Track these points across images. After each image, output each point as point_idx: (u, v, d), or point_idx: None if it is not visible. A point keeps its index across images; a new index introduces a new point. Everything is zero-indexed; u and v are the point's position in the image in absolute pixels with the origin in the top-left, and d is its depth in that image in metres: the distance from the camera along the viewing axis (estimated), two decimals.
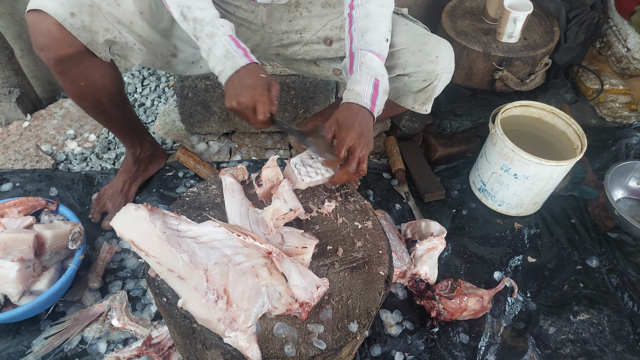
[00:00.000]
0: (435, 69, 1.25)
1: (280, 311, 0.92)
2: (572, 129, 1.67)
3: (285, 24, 1.33)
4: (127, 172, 1.63)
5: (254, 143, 1.96)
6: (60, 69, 1.18)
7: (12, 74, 1.88)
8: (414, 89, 1.31)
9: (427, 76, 1.27)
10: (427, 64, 1.25)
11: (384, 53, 1.17)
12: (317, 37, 1.33)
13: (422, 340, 1.39)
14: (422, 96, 1.33)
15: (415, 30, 1.30)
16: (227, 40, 1.08)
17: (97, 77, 1.25)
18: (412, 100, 1.36)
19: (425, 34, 1.29)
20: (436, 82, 1.29)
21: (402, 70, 1.27)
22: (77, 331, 1.33)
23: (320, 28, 1.32)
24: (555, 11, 1.90)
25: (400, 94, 1.37)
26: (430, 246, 1.47)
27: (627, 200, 1.82)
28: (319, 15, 1.31)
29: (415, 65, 1.25)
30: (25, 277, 1.27)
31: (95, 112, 1.37)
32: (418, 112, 1.38)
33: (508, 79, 1.79)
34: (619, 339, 1.43)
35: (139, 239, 0.92)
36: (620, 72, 2.10)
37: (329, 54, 1.35)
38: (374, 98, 1.12)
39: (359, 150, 1.07)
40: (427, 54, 1.24)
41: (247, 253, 0.94)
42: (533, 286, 1.56)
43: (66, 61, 1.16)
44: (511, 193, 1.66)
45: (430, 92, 1.31)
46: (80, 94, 1.28)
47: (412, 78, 1.28)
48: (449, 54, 1.28)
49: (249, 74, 1.06)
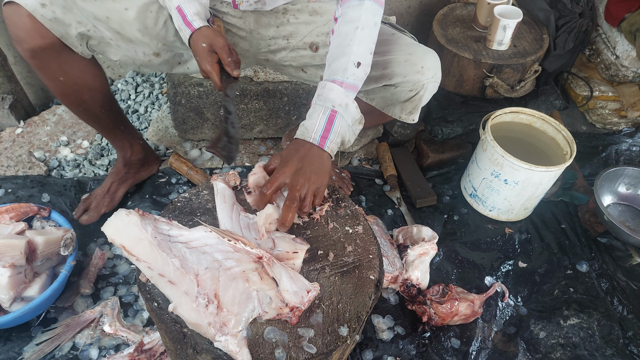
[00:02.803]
0: (421, 79, 1.26)
1: (270, 315, 0.92)
2: (561, 135, 1.68)
3: (273, 30, 1.34)
4: (116, 174, 1.64)
5: (247, 149, 1.96)
6: (37, 62, 1.19)
7: (5, 80, 1.89)
8: (400, 98, 1.32)
9: (413, 86, 1.28)
10: (413, 74, 1.25)
11: (351, 79, 1.10)
12: (304, 43, 1.34)
13: (413, 345, 1.40)
14: (408, 106, 1.34)
15: (402, 40, 1.30)
16: (175, 14, 1.14)
17: (76, 73, 1.25)
18: (399, 110, 1.36)
19: (412, 44, 1.29)
20: (422, 92, 1.29)
21: (388, 81, 1.28)
22: (68, 337, 1.33)
23: (307, 34, 1.33)
24: (545, 19, 1.92)
25: (387, 104, 1.37)
26: (421, 251, 1.48)
27: (617, 206, 1.84)
28: (306, 22, 1.32)
29: (401, 75, 1.26)
30: (17, 283, 1.26)
31: (80, 110, 1.38)
32: (405, 122, 1.39)
33: (498, 85, 1.81)
34: (609, 343, 1.44)
35: (130, 244, 0.92)
36: (609, 79, 2.12)
37: (315, 61, 1.36)
38: (326, 132, 1.07)
39: (297, 187, 1.03)
40: (413, 64, 1.25)
41: (237, 258, 0.94)
42: (524, 291, 1.57)
43: (41, 54, 1.16)
44: (502, 198, 1.68)
45: (416, 101, 1.32)
46: (61, 90, 1.28)
47: (399, 88, 1.29)
48: (435, 64, 1.28)
49: (194, 47, 1.15)
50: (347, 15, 1.13)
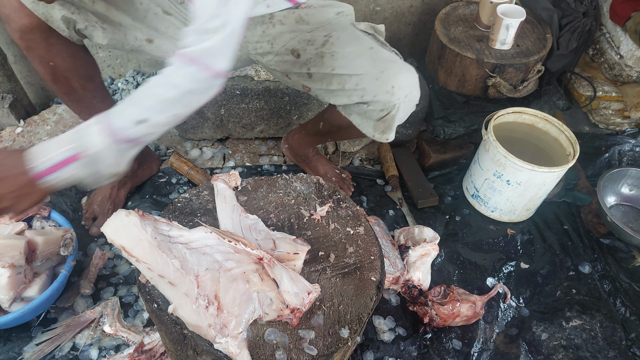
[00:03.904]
0: (392, 100, 1.20)
1: (271, 317, 0.92)
2: (564, 135, 1.67)
3: (259, 34, 1.31)
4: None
5: (248, 149, 1.96)
6: (25, 43, 1.19)
7: (5, 79, 1.88)
8: (373, 117, 1.27)
9: (384, 106, 1.22)
10: (383, 94, 1.19)
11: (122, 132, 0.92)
12: (286, 49, 1.29)
13: (414, 347, 1.39)
14: (381, 125, 1.28)
15: (377, 55, 1.23)
16: None
17: (65, 57, 1.24)
18: (372, 129, 1.30)
19: (386, 61, 1.22)
20: (394, 112, 1.23)
21: (360, 98, 1.23)
22: (68, 338, 1.32)
23: (290, 40, 1.28)
24: (548, 18, 1.91)
25: (362, 120, 1.31)
26: (423, 252, 1.47)
27: (620, 207, 1.83)
28: (292, 29, 1.29)
29: (372, 94, 1.21)
30: (16, 283, 1.26)
31: (71, 99, 1.37)
32: (378, 141, 1.33)
33: (501, 85, 1.80)
34: (611, 345, 1.43)
35: (129, 244, 0.92)
36: (612, 79, 2.11)
37: (296, 68, 1.30)
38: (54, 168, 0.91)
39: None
40: (383, 84, 1.19)
41: (238, 259, 0.94)
42: (526, 292, 1.56)
43: (29, 34, 1.16)
44: (504, 199, 1.67)
45: (389, 121, 1.26)
46: (51, 76, 1.27)
47: (370, 107, 1.23)
48: (409, 84, 1.21)
49: None
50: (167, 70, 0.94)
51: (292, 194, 1.17)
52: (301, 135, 1.72)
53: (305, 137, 1.70)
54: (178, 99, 0.94)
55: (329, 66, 1.24)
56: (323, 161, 1.79)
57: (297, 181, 1.20)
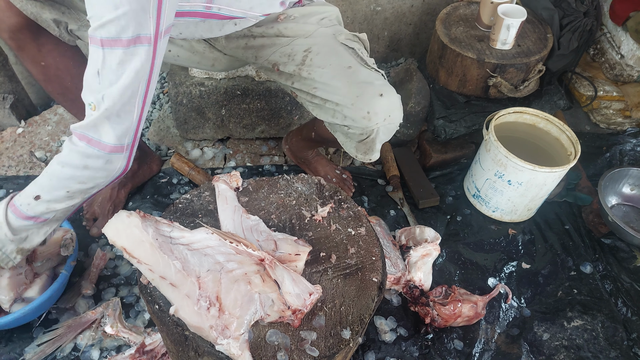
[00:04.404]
0: (369, 125, 1.17)
1: (272, 318, 0.92)
2: (565, 135, 1.67)
3: (242, 47, 1.29)
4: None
5: (249, 149, 1.96)
6: (16, 44, 1.18)
7: (6, 80, 1.88)
8: (355, 139, 1.25)
9: (362, 130, 1.19)
10: (360, 120, 1.17)
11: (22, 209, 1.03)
12: (268, 62, 1.28)
13: (416, 347, 1.39)
14: (362, 147, 1.26)
15: (354, 76, 1.19)
16: None
17: (56, 56, 1.24)
18: (355, 149, 1.28)
19: (362, 84, 1.18)
20: (374, 135, 1.20)
21: (341, 121, 1.21)
22: (70, 338, 1.32)
23: (271, 54, 1.26)
24: (549, 18, 1.91)
25: (345, 139, 1.30)
26: (424, 252, 1.47)
27: (621, 207, 1.83)
28: (272, 42, 1.26)
29: (350, 119, 1.18)
30: (17, 284, 1.26)
31: (65, 99, 1.36)
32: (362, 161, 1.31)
33: (502, 85, 1.79)
34: (613, 345, 1.43)
35: (131, 246, 0.92)
36: (613, 78, 2.11)
37: (281, 80, 1.29)
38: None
39: None
40: (359, 109, 1.16)
41: (239, 260, 0.94)
42: (527, 292, 1.56)
43: (19, 34, 1.16)
44: (505, 199, 1.67)
45: (370, 144, 1.24)
46: (44, 76, 1.27)
47: (351, 130, 1.21)
48: (385, 108, 1.17)
49: None
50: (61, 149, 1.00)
51: (294, 194, 1.17)
52: (298, 139, 1.72)
53: (301, 141, 1.71)
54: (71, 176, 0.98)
55: (310, 86, 1.22)
56: (323, 162, 1.79)
57: (299, 182, 1.20)
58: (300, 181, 1.20)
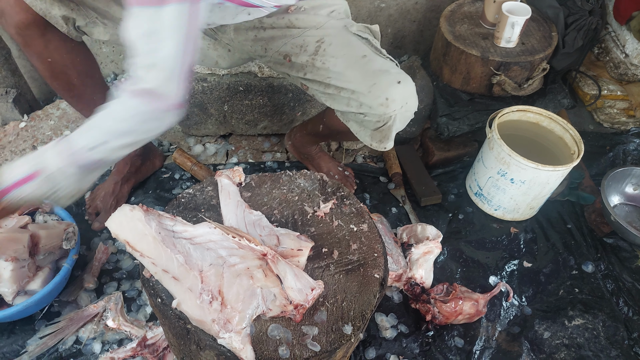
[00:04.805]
0: (387, 112, 1.18)
1: (274, 313, 0.92)
2: (569, 134, 1.67)
3: (251, 40, 1.30)
4: (118, 174, 1.63)
5: (251, 145, 1.96)
6: (23, 40, 1.18)
7: (9, 74, 1.88)
8: (370, 127, 1.25)
9: (379, 118, 1.20)
10: (377, 107, 1.18)
11: (79, 155, 0.99)
12: (279, 53, 1.28)
13: (417, 344, 1.39)
14: (378, 135, 1.26)
15: (370, 65, 1.20)
16: None
17: (62, 53, 1.23)
18: (370, 138, 1.29)
19: (379, 72, 1.19)
20: (390, 123, 1.21)
21: (357, 109, 1.21)
22: (72, 331, 1.33)
23: (282, 45, 1.27)
24: (554, 16, 1.90)
25: (359, 128, 1.30)
26: (426, 250, 1.47)
27: (624, 206, 1.82)
28: (282, 33, 1.27)
29: (367, 106, 1.19)
30: (20, 276, 1.26)
31: (71, 95, 1.36)
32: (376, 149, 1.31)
33: (506, 83, 1.79)
34: (614, 344, 1.43)
35: (134, 239, 0.92)
36: (618, 77, 2.10)
37: (292, 71, 1.29)
38: (16, 185, 0.96)
39: None
40: (376, 97, 1.17)
41: (242, 254, 0.94)
42: (528, 291, 1.56)
43: (26, 30, 1.15)
44: (507, 198, 1.66)
45: (386, 131, 1.24)
46: (50, 72, 1.27)
47: (367, 118, 1.22)
48: (402, 95, 1.18)
49: None
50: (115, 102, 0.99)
51: (296, 190, 1.17)
52: (302, 134, 1.72)
53: (306, 136, 1.70)
54: (130, 130, 1.00)
55: (324, 75, 1.22)
56: (326, 158, 1.79)
57: (301, 178, 1.20)
58: (303, 177, 1.20)
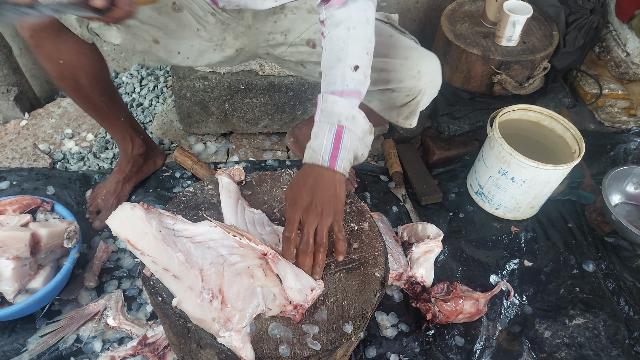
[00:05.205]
0: (418, 85, 1.22)
1: (274, 312, 0.92)
2: (570, 133, 1.67)
3: (270, 25, 1.31)
4: (120, 172, 1.63)
5: (252, 144, 1.96)
6: (35, 41, 1.18)
7: (10, 72, 1.88)
8: (397, 103, 1.28)
9: (409, 91, 1.24)
10: (409, 80, 1.22)
11: (351, 86, 1.03)
12: (301, 39, 1.30)
13: (417, 343, 1.39)
14: (405, 110, 1.30)
15: (399, 43, 1.25)
16: None
17: (73, 54, 1.24)
18: (396, 114, 1.32)
19: (409, 47, 1.25)
20: (419, 97, 1.26)
21: (385, 85, 1.24)
22: (72, 330, 1.33)
23: (304, 30, 1.29)
24: (555, 15, 1.90)
25: (385, 107, 1.33)
26: (426, 249, 1.47)
27: (625, 205, 1.82)
28: (304, 18, 1.29)
29: (397, 80, 1.22)
30: (21, 275, 1.27)
31: (77, 95, 1.36)
32: (402, 126, 1.35)
33: (507, 82, 1.79)
34: (615, 343, 1.43)
35: (134, 237, 0.92)
36: (619, 76, 2.10)
37: (313, 57, 1.32)
38: (335, 150, 1.00)
39: (308, 225, 0.96)
40: (409, 69, 1.21)
41: (242, 253, 0.94)
42: (529, 290, 1.56)
43: (40, 32, 1.16)
44: (508, 197, 1.66)
45: (413, 106, 1.29)
46: (58, 73, 1.27)
47: (396, 93, 1.25)
48: (433, 69, 1.24)
49: None
50: (335, 17, 1.05)
51: None
52: (309, 127, 1.71)
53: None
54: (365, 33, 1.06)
55: None
56: None
57: None
58: None
